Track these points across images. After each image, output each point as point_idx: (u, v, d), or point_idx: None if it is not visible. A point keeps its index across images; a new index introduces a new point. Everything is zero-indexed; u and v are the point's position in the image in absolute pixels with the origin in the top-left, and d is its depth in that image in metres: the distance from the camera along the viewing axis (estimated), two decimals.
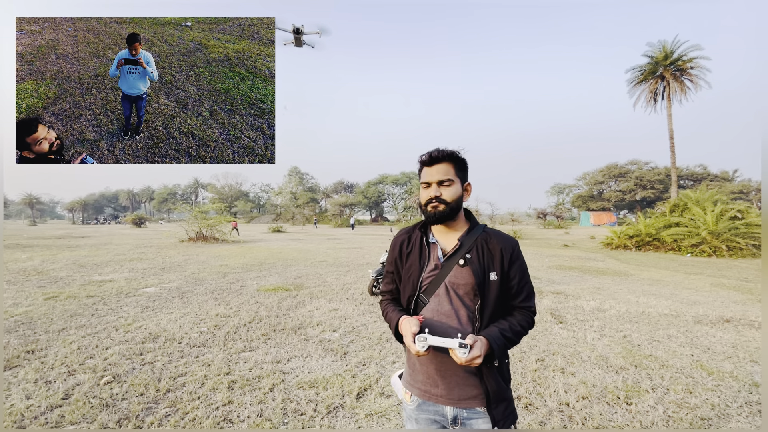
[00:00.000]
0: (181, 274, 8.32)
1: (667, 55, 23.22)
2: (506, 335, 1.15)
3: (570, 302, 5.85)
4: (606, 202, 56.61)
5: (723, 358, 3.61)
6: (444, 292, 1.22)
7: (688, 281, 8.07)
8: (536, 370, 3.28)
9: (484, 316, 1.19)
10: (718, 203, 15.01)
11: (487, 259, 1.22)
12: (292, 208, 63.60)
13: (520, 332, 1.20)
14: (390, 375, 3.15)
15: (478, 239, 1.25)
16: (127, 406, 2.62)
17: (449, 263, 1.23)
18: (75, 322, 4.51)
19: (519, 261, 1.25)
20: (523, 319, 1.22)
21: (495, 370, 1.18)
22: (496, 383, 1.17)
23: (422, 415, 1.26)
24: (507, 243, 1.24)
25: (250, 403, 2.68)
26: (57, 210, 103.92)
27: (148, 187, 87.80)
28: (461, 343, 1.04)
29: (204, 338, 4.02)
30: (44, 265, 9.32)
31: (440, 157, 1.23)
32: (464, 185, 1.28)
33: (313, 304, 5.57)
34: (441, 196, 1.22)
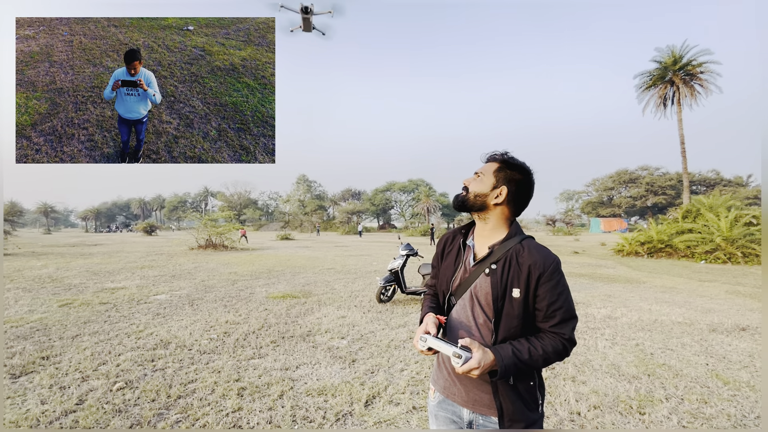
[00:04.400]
0: (191, 281, 8.42)
1: (676, 60, 23.04)
2: (520, 357, 1.07)
3: (580, 310, 5.77)
4: (616, 209, 55.93)
5: (739, 368, 3.53)
6: (468, 298, 1.21)
7: (702, 289, 7.91)
8: (546, 379, 3.24)
9: (500, 331, 1.15)
10: (732, 209, 14.72)
11: (513, 274, 1.14)
12: (300, 215, 63.99)
13: (542, 357, 1.09)
14: (398, 382, 3.15)
15: (510, 251, 1.18)
16: (139, 411, 2.65)
17: (477, 270, 1.21)
18: (88, 329, 4.59)
19: (553, 282, 1.13)
20: (549, 344, 1.11)
21: (512, 388, 1.13)
22: (512, 402, 1.12)
23: (441, 412, 1.27)
24: (539, 260, 1.13)
25: (259, 410, 2.69)
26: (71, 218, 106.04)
27: (159, 196, 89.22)
28: (456, 353, 1.03)
29: (214, 345, 4.06)
30: (58, 273, 9.51)
31: (491, 157, 1.27)
32: (499, 187, 1.21)
33: (321, 312, 5.58)
34: (466, 184, 1.26)
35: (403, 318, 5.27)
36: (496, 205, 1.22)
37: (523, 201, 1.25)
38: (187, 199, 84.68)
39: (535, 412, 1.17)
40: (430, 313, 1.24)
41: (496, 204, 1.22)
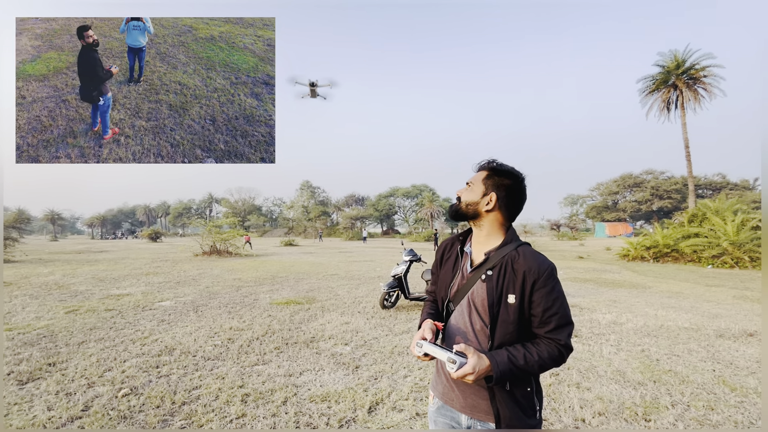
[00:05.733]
0: (195, 287, 8.46)
1: (679, 64, 23.05)
2: (515, 362, 1.08)
3: (585, 315, 5.74)
4: (621, 213, 55.60)
5: (747, 374, 3.49)
6: (466, 304, 1.23)
7: (709, 294, 7.83)
8: (550, 385, 3.23)
9: (496, 337, 1.16)
10: (739, 213, 14.59)
11: (508, 280, 1.16)
12: (304, 221, 64.16)
13: (538, 363, 1.10)
14: (402, 388, 3.14)
15: (506, 257, 1.19)
16: (144, 418, 2.67)
17: (474, 276, 1.23)
18: (94, 335, 4.63)
19: (547, 288, 1.14)
20: (545, 349, 1.12)
21: (508, 394, 1.14)
22: (509, 409, 1.13)
23: (441, 418, 1.29)
24: (534, 266, 1.15)
25: (263, 416, 2.70)
26: (77, 225, 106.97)
27: (164, 203, 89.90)
28: (450, 358, 1.05)
29: (218, 351, 4.08)
30: (65, 280, 9.60)
31: (480, 166, 1.31)
32: (488, 194, 1.24)
33: (325, 318, 5.59)
34: (458, 194, 1.31)
35: (407, 324, 5.26)
36: (488, 211, 1.25)
37: (516, 206, 1.27)
38: (191, 206, 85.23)
39: (532, 419, 1.17)
40: (427, 319, 1.27)
41: (487, 211, 1.24)
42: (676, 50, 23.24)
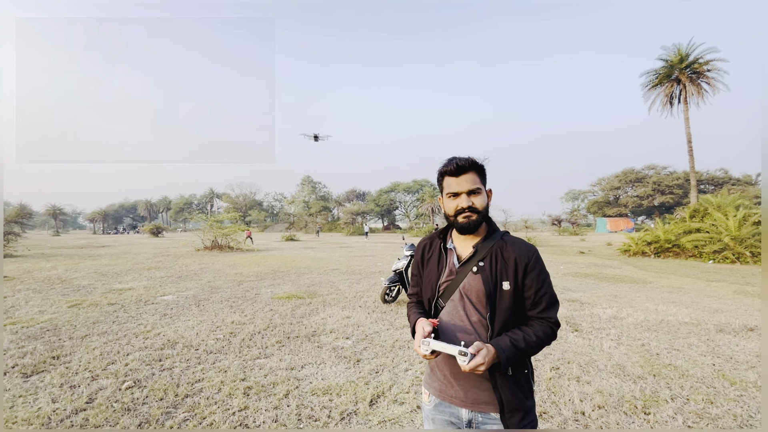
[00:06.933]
0: (197, 282, 8.50)
1: (682, 58, 22.84)
2: (518, 345, 1.12)
3: (586, 310, 5.75)
4: (623, 208, 55.43)
5: (746, 368, 3.50)
6: (458, 298, 1.24)
7: (710, 289, 7.84)
8: (551, 379, 3.25)
9: (496, 325, 1.18)
10: (741, 208, 14.53)
11: (501, 268, 1.20)
12: (305, 216, 64.21)
13: (536, 343, 1.15)
14: (403, 382, 3.17)
15: (494, 247, 1.23)
16: (147, 410, 2.70)
17: (464, 270, 1.24)
18: (97, 329, 4.66)
19: (536, 270, 1.20)
20: (540, 329, 1.18)
21: (510, 379, 1.17)
22: (511, 392, 1.16)
23: (439, 415, 1.28)
24: (523, 252, 1.21)
25: (265, 409, 2.73)
26: (79, 220, 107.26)
27: (165, 197, 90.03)
28: (461, 351, 1.06)
29: (220, 345, 4.11)
30: (67, 274, 9.65)
31: (467, 166, 1.21)
32: (487, 192, 1.29)
33: (326, 312, 5.62)
34: (473, 205, 1.21)
35: None
36: None
37: None
38: (193, 201, 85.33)
39: (530, 400, 1.22)
40: (421, 318, 1.25)
41: None
42: (679, 44, 23.04)
